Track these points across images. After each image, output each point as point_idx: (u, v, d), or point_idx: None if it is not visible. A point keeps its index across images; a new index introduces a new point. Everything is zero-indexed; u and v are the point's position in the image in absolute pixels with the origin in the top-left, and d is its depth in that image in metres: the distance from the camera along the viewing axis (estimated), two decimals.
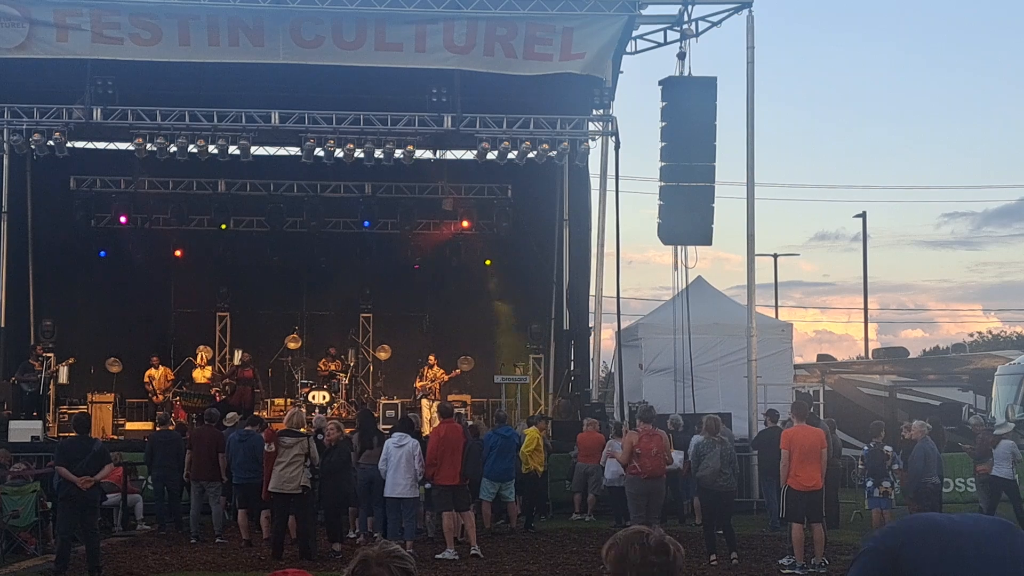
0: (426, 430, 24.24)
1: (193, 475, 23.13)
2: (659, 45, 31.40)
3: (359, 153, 30.56)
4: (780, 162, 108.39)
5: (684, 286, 30.73)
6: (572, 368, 33.32)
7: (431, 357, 33.59)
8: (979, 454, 25.21)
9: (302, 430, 20.70)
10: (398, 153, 30.54)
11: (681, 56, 30.50)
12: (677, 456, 22.99)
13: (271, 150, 34.30)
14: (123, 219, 33.84)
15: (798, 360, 38.99)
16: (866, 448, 21.60)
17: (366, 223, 34.87)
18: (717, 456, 19.62)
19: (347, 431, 23.35)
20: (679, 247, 30.79)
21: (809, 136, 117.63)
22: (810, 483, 18.51)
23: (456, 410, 24.33)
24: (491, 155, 31.03)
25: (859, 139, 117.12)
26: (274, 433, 20.84)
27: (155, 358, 32.90)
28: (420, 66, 29.16)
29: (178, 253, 35.03)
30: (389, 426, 26.02)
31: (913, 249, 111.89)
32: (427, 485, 20.75)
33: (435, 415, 30.96)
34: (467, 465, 20.75)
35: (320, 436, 21.12)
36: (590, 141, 31.33)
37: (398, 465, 20.08)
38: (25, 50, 28.15)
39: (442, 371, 33.37)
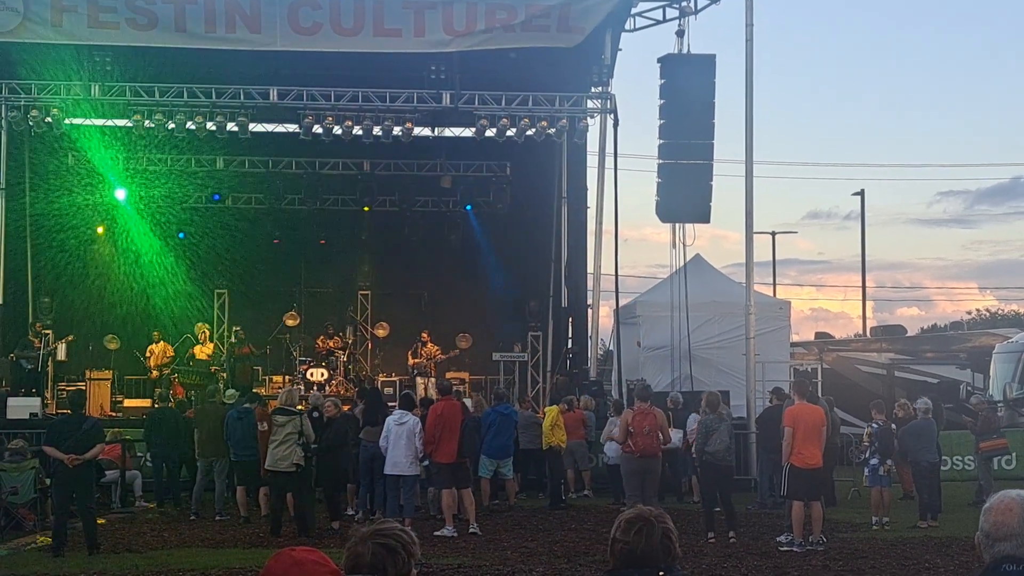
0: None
1: (200, 452, 23.22)
2: (658, 23, 31.36)
3: (357, 130, 30.51)
4: (773, 140, 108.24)
5: (682, 264, 30.76)
6: (570, 345, 33.34)
7: (424, 334, 33.56)
8: (981, 431, 25.27)
9: (300, 407, 20.75)
10: (396, 130, 30.48)
11: (680, 34, 30.48)
12: (676, 434, 23.01)
13: (269, 127, 34.22)
14: (120, 195, 33.84)
15: (795, 338, 39.02)
16: (875, 426, 21.57)
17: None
18: (725, 432, 19.68)
19: (345, 408, 23.44)
20: (677, 225, 30.80)
21: (801, 114, 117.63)
22: (812, 461, 18.52)
23: (455, 388, 24.35)
24: (490, 132, 30.98)
25: (852, 117, 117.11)
26: (266, 412, 20.92)
27: (156, 332, 32.86)
28: (420, 51, 29.10)
29: (177, 230, 34.98)
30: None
31: (908, 227, 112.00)
32: (426, 463, 20.77)
33: (430, 393, 31.14)
34: (464, 443, 20.76)
35: (316, 414, 21.13)
36: (589, 119, 31.28)
37: (398, 442, 20.10)
38: (20, 34, 28.07)
39: (437, 348, 33.34)
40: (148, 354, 32.35)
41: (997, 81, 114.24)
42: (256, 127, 32.13)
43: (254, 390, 28.80)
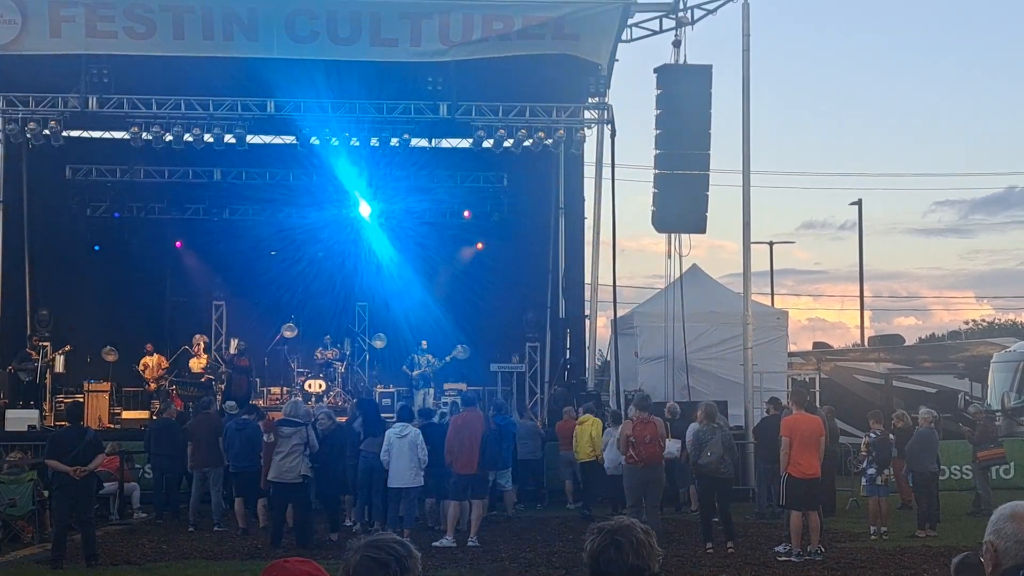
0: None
1: (194, 463, 23.24)
2: (654, 33, 31.36)
3: (355, 141, 30.52)
4: (768, 150, 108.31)
5: (678, 274, 30.75)
6: (568, 356, 33.33)
7: (424, 343, 33.52)
8: (979, 441, 25.29)
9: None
10: (393, 141, 30.50)
11: (676, 44, 30.47)
12: (674, 444, 22.99)
13: (267, 138, 34.27)
14: (116, 214, 33.92)
15: (792, 348, 39.01)
16: (873, 435, 21.59)
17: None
18: (719, 443, 19.64)
19: (340, 419, 23.47)
20: (673, 235, 30.80)
21: (796, 124, 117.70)
22: (810, 471, 18.50)
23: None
24: (487, 143, 31.01)
25: (847, 127, 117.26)
26: (272, 423, 20.87)
27: (149, 345, 32.82)
28: (416, 60, 29.14)
29: (174, 242, 35.03)
30: (385, 415, 26.08)
31: (904, 237, 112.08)
32: None
33: (430, 403, 31.09)
34: (485, 455, 20.72)
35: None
36: (586, 129, 31.32)
37: (400, 455, 20.10)
38: (18, 46, 28.09)
39: (434, 358, 33.28)
40: (142, 367, 32.33)
41: (991, 91, 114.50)
42: (253, 139, 32.19)
43: (252, 401, 28.85)
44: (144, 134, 29.88)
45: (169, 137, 29.87)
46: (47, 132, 29.42)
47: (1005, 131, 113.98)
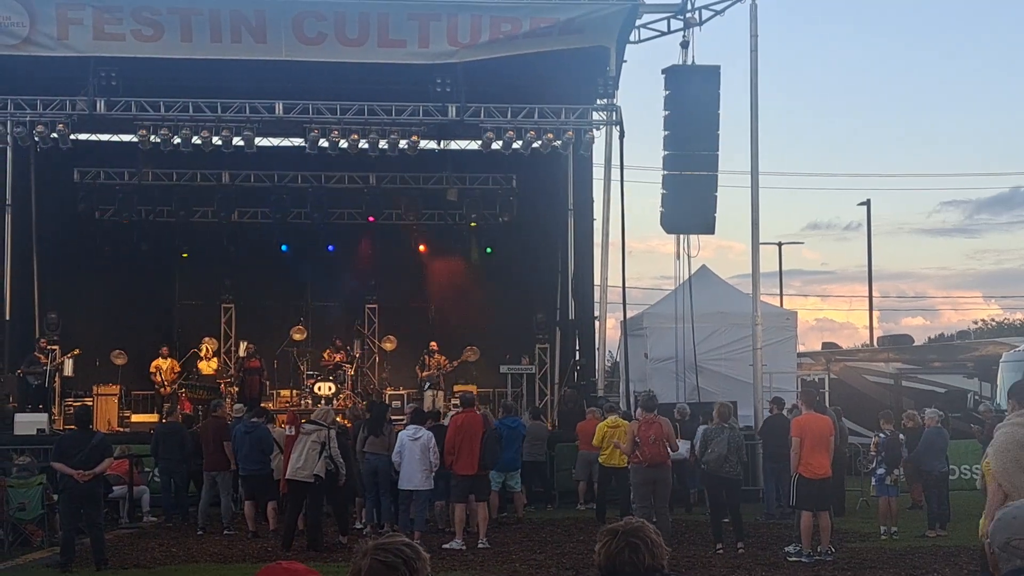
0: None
1: (205, 466, 23.24)
2: (663, 34, 31.39)
3: (363, 144, 30.48)
4: (774, 150, 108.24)
5: (687, 275, 30.74)
6: (577, 358, 33.29)
7: (432, 344, 33.50)
8: (988, 440, 25.22)
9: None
10: (402, 143, 30.47)
11: (684, 45, 30.49)
12: (684, 445, 22.95)
13: (275, 141, 34.23)
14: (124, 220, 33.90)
15: (801, 348, 38.97)
16: (883, 435, 21.54)
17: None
18: (724, 442, 19.65)
19: (345, 422, 23.47)
20: (682, 236, 30.79)
21: (803, 124, 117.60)
22: (821, 471, 18.47)
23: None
24: (495, 145, 30.93)
25: (854, 128, 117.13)
26: (296, 417, 20.96)
27: (164, 348, 32.83)
28: (424, 62, 29.15)
29: (182, 245, 35.00)
30: (395, 416, 26.05)
31: (911, 237, 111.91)
32: None
33: (439, 405, 31.06)
34: (485, 455, 20.71)
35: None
36: (594, 130, 31.26)
37: (412, 457, 20.10)
38: (26, 48, 28.12)
39: (445, 359, 33.30)
40: (154, 370, 32.33)
41: (997, 91, 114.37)
42: (262, 141, 32.14)
43: (262, 404, 28.83)
44: (152, 137, 29.83)
45: (177, 140, 29.82)
46: (55, 135, 29.37)
47: (1011, 131, 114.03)
